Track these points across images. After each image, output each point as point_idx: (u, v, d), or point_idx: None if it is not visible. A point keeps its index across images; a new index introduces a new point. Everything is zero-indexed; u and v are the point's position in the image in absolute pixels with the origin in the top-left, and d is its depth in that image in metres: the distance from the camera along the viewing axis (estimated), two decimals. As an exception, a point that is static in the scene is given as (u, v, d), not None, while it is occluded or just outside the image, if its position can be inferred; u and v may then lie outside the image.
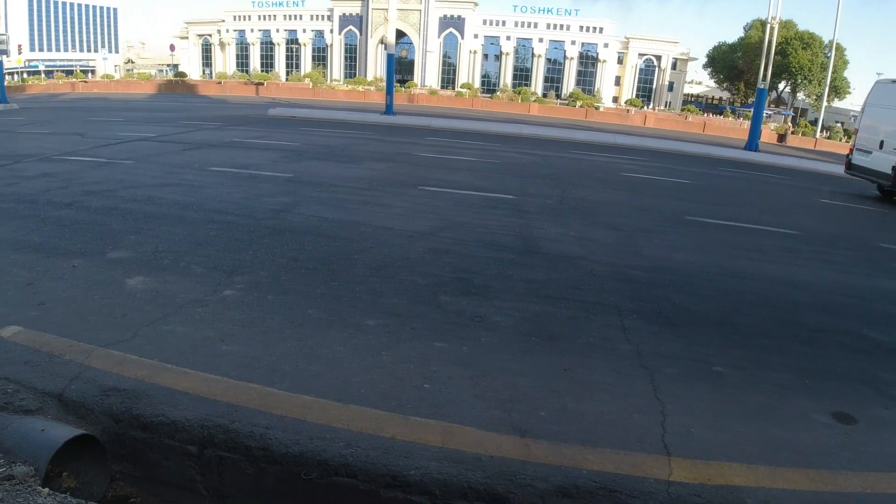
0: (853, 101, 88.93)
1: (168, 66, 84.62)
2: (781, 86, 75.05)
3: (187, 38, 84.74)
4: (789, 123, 50.75)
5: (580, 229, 7.74)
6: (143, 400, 3.07)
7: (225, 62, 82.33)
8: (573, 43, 75.84)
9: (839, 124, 65.73)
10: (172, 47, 68.80)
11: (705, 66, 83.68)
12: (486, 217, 7.90)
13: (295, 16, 78.86)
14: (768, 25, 26.17)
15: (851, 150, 14.59)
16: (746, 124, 36.28)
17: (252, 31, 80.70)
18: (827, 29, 74.44)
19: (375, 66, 73.59)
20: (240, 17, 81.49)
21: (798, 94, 74.70)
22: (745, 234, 8.68)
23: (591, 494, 2.68)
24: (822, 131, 50.37)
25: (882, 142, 13.38)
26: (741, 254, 7.52)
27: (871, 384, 4.28)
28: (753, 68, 50.99)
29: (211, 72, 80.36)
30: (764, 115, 34.80)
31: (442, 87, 69.69)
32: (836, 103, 77.48)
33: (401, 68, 70.67)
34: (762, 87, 26.01)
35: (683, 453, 3.02)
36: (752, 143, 25.79)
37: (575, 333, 4.35)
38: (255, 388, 3.25)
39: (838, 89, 70.30)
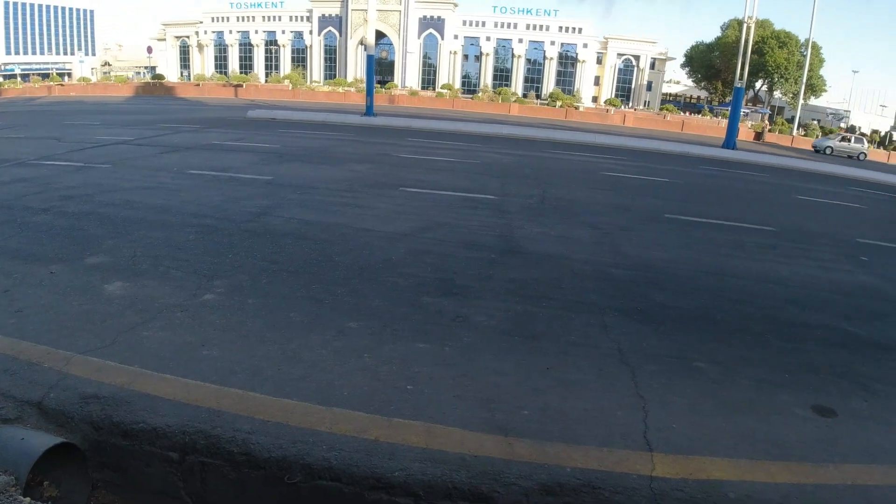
0: (829, 99, 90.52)
1: (145, 68, 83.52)
2: (758, 84, 75.94)
3: (164, 39, 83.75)
4: (766, 121, 51.36)
5: (561, 228, 7.78)
6: (124, 407, 3.04)
7: (203, 64, 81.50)
8: (552, 43, 76.18)
9: (816, 122, 66.73)
10: (150, 49, 67.82)
11: (683, 66, 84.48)
12: (468, 217, 7.91)
13: (274, 17, 78.27)
14: (745, 25, 26.55)
15: None
16: (724, 123, 36.71)
17: (230, 32, 79.96)
18: (803, 27, 75.73)
19: (355, 67, 73.33)
20: (218, 18, 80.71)
21: (775, 93, 75.64)
22: (724, 231, 8.79)
23: (574, 492, 2.70)
24: (798, 129, 51.06)
25: None
26: (720, 251, 7.62)
27: (849, 377, 4.36)
28: (730, 67, 51.59)
29: (189, 74, 79.49)
30: (741, 113, 35.28)
31: (422, 88, 69.56)
32: (813, 101, 78.64)
33: (381, 69, 70.44)
34: (739, 85, 26.38)
35: (665, 449, 3.05)
36: (730, 142, 26.13)
37: (556, 332, 4.38)
38: (236, 392, 3.22)
39: (814, 87, 71.28)
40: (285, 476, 2.73)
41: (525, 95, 67.12)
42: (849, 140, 39.03)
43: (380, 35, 71.47)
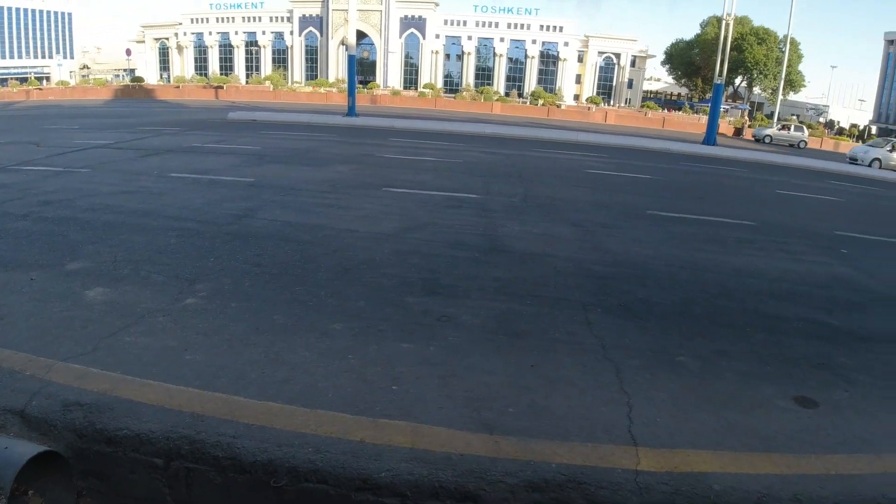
0: (808, 94, 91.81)
1: (125, 70, 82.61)
2: (738, 81, 76.72)
3: (143, 42, 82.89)
4: (746, 117, 52.02)
5: (544, 227, 7.83)
6: (107, 413, 3.01)
7: (183, 66, 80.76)
8: (534, 42, 76.48)
9: (795, 117, 67.62)
10: (129, 52, 67.12)
11: (663, 63, 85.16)
12: (452, 217, 7.93)
13: (254, 17, 77.74)
14: (724, 22, 26.84)
15: None
16: (704, 119, 37.07)
17: (210, 33, 79.31)
18: (781, 24, 76.35)
19: (337, 67, 73.05)
20: (197, 19, 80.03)
21: (754, 89, 76.46)
22: (705, 226, 8.89)
23: (560, 487, 2.72)
24: (778, 124, 51.71)
25: None
26: (701, 246, 7.71)
27: (830, 368, 4.43)
28: (710, 64, 52.06)
29: (169, 76, 78.72)
30: (721, 109, 35.64)
31: (404, 88, 69.48)
32: (792, 96, 79.72)
33: (362, 69, 70.26)
34: (718, 82, 26.67)
35: (650, 443, 3.08)
36: (710, 138, 26.43)
37: (541, 330, 4.41)
38: (220, 396, 3.21)
39: (793, 83, 72.18)
40: (271, 480, 2.72)
41: (507, 94, 67.31)
42: (788, 128, 40.17)
43: (361, 35, 71.32)
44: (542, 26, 76.39)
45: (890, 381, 4.34)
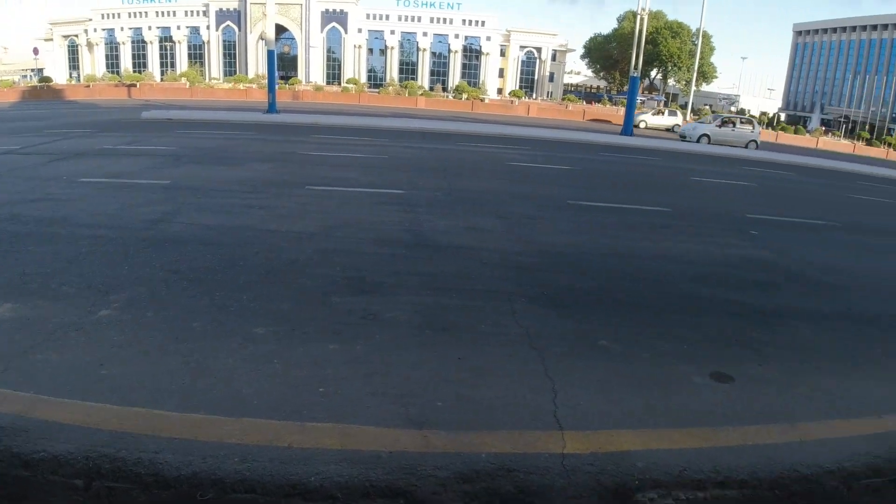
0: (720, 85, 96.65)
1: (32, 71, 77.46)
2: (654, 73, 79.81)
3: (52, 39, 78.00)
4: (662, 108, 54.05)
5: (469, 220, 7.92)
6: (22, 436, 2.85)
7: (94, 64, 76.50)
8: (457, 36, 76.91)
9: (708, 107, 71.04)
10: (36, 51, 62.71)
11: (583, 57, 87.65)
12: (376, 213, 7.90)
13: (168, 12, 74.52)
14: (639, 17, 27.83)
15: None
16: (622, 111, 38.33)
17: (122, 29, 75.46)
18: (694, 17, 79.94)
19: (256, 62, 71.12)
20: (108, 15, 75.96)
21: (669, 81, 79.74)
22: (624, 214, 9.23)
23: (490, 476, 2.77)
24: (692, 114, 54.05)
25: None
26: (620, 233, 8.00)
27: (744, 344, 4.69)
28: (627, 58, 53.92)
29: (79, 75, 74.42)
30: (638, 101, 36.98)
31: (327, 83, 68.39)
32: (705, 87, 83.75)
33: (284, 64, 68.68)
34: (634, 75, 27.65)
35: (575, 426, 3.19)
36: (628, 129, 27.39)
37: (467, 322, 4.46)
38: (140, 411, 3.09)
39: (706, 74, 75.80)
40: (197, 493, 2.65)
41: (431, 88, 67.49)
42: (733, 124, 29.85)
43: (281, 29, 69.65)
44: (464, 21, 76.88)
45: (800, 354, 4.65)
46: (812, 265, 7.70)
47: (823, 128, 70.32)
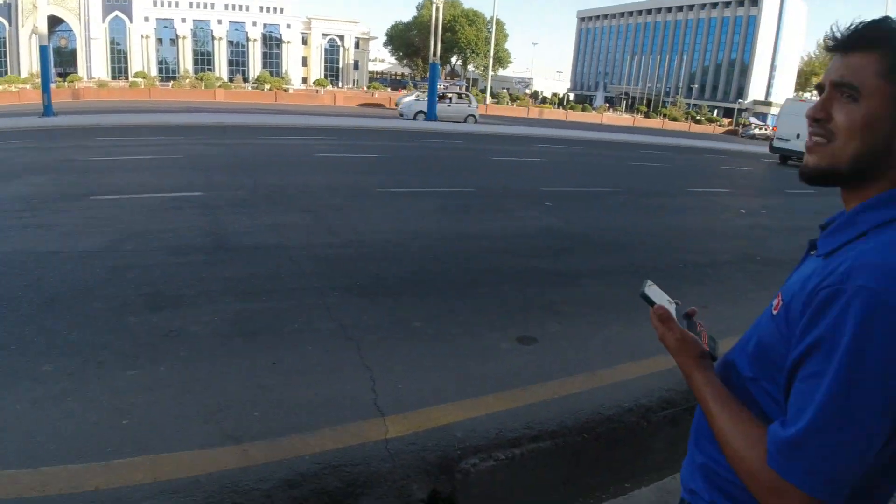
0: (515, 69, 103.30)
1: None
2: (453, 59, 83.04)
3: None
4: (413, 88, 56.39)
5: (275, 217, 7.63)
6: None
7: None
8: (255, 24, 73.74)
9: (505, 91, 75.59)
10: None
11: (386, 45, 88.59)
12: (172, 220, 7.30)
13: None
14: (434, 5, 28.68)
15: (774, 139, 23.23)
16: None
17: None
18: (488, 6, 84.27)
19: (30, 60, 62.04)
20: None
21: (469, 67, 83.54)
22: (430, 197, 9.54)
23: (316, 477, 2.74)
24: (491, 98, 57.21)
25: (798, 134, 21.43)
26: (427, 216, 8.23)
27: (544, 307, 5.10)
28: (428, 45, 55.43)
29: None
30: (440, 87, 38.20)
31: (113, 78, 61.97)
32: (501, 72, 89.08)
33: (62, 60, 60.98)
34: (434, 62, 28.53)
35: (395, 410, 3.25)
36: (431, 114, 28.14)
37: (279, 324, 4.32)
38: None
39: (501, 60, 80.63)
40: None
41: (231, 80, 64.14)
42: (449, 99, 30.54)
43: (57, 21, 61.60)
44: (262, 7, 73.91)
45: (593, 309, 5.17)
46: (598, 228, 8.60)
47: (607, 104, 78.54)
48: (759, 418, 0.94)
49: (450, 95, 31.24)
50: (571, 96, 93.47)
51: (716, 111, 75.86)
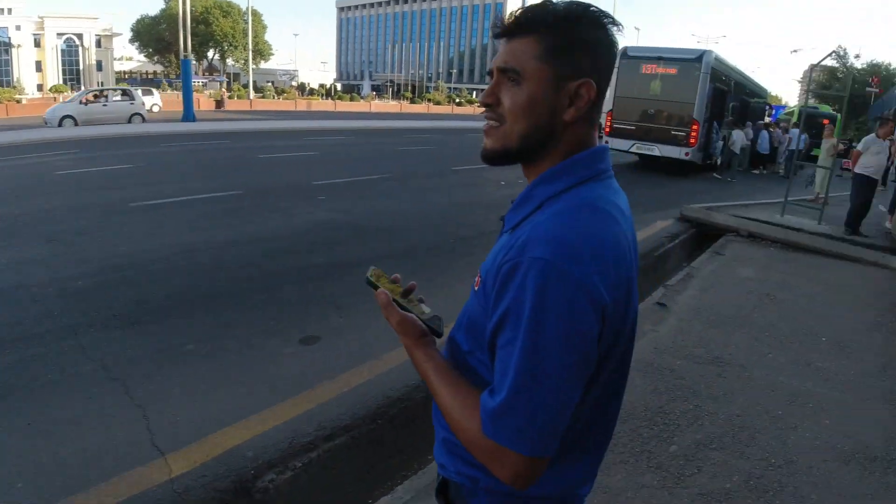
0: (279, 62, 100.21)
1: None
2: (211, 54, 78.17)
3: None
4: (224, 89, 53.57)
5: (9, 253, 6.29)
6: None
7: None
8: (-25, 29, 62.09)
9: (269, 83, 73.13)
10: None
11: (132, 41, 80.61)
12: None
13: None
14: (181, -4, 26.59)
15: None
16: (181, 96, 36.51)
17: None
18: (243, -5, 79.75)
19: None
20: None
21: (228, 60, 79.23)
22: (194, 205, 8.87)
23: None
24: (256, 92, 54.97)
25: None
26: (189, 226, 7.67)
27: (323, 302, 5.12)
28: (179, 40, 51.50)
29: None
30: (199, 83, 35.76)
31: None
32: (264, 65, 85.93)
33: None
34: (186, 57, 26.60)
35: (177, 445, 3.05)
36: (189, 114, 26.30)
37: (29, 378, 3.74)
38: None
39: (262, 52, 77.66)
40: None
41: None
42: (105, 97, 25.46)
43: None
44: (-16, 10, 62.38)
45: (366, 296, 5.25)
46: (372, 216, 8.78)
47: (374, 93, 79.97)
48: (483, 389, 0.95)
49: (105, 94, 26.13)
50: (339, 86, 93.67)
51: (475, 93, 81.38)
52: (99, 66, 74.77)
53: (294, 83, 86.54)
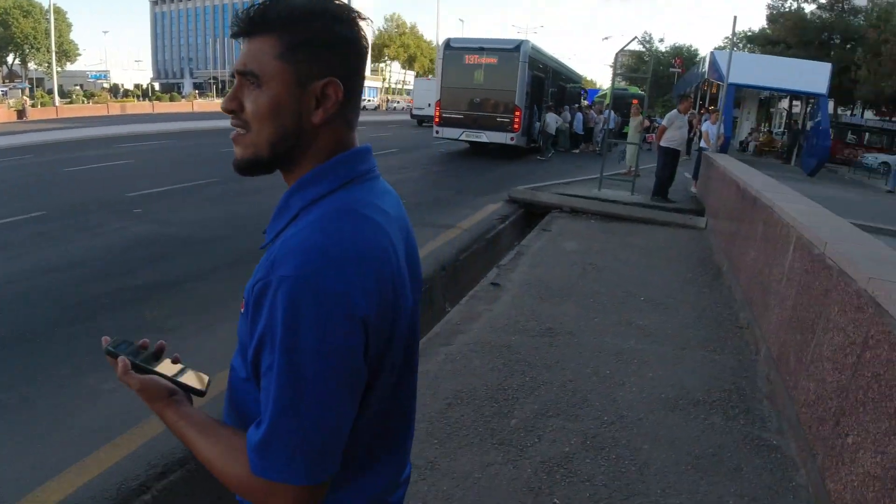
0: (87, 62, 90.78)
1: None
2: (10, 59, 70.05)
3: None
4: (26, 97, 47.24)
5: None
6: None
7: None
8: None
9: (78, 87, 66.09)
10: None
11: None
12: None
13: None
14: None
15: (412, 109, 30.81)
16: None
17: None
18: (59, -7, 71.00)
19: None
20: None
21: (30, 65, 71.21)
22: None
23: None
24: (62, 98, 49.50)
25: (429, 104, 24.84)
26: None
27: (145, 327, 4.70)
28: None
29: None
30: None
31: None
32: (70, 67, 77.78)
33: None
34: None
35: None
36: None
37: None
38: None
39: (68, 53, 70.52)
40: None
41: None
42: None
43: None
44: None
45: (201, 313, 4.98)
46: (197, 225, 8.24)
47: (197, 91, 75.04)
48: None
49: None
50: (157, 86, 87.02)
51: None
52: None
53: (106, 85, 78.93)
